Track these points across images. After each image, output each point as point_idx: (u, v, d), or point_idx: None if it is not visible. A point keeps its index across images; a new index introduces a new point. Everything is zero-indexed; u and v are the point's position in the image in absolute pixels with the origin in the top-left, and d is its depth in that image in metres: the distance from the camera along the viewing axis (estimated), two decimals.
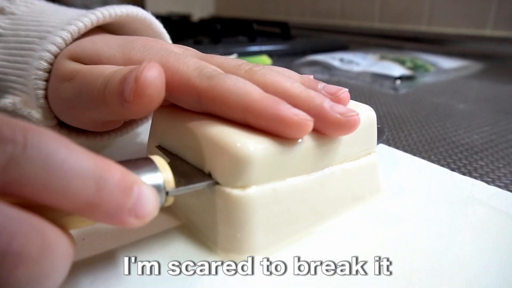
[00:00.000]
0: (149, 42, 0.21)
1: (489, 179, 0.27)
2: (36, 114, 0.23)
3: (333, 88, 0.20)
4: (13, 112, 0.25)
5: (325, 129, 0.18)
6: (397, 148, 0.32)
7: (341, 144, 0.20)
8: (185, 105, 0.19)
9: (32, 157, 0.11)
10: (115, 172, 0.13)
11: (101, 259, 0.17)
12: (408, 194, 0.23)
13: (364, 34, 0.99)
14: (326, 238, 0.19)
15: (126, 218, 0.13)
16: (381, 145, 0.31)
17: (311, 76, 0.21)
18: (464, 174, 0.27)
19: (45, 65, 0.23)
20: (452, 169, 0.27)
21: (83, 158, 0.12)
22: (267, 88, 0.18)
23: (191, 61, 0.18)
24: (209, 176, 0.18)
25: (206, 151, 0.18)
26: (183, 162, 0.19)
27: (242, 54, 0.69)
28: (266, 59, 0.64)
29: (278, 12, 1.29)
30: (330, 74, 0.62)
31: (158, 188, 0.15)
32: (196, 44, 0.75)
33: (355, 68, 0.61)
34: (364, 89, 0.54)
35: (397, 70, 0.57)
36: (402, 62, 0.61)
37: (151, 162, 0.16)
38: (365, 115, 0.21)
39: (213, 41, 0.75)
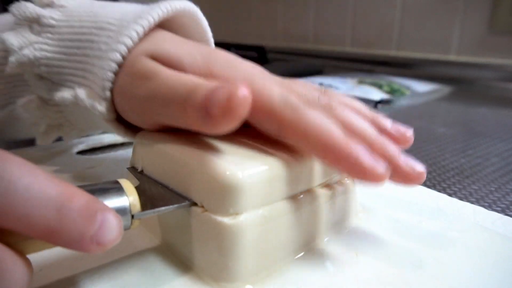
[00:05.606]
0: (232, 59, 0.22)
1: (486, 204, 0.27)
2: (99, 106, 0.23)
3: (401, 128, 0.22)
4: (68, 106, 0.25)
5: (394, 177, 0.19)
6: None
7: (321, 166, 0.20)
8: (263, 129, 0.19)
9: None
10: (78, 199, 0.13)
11: None
12: (415, 222, 0.23)
13: (337, 58, 1.02)
14: (315, 264, 0.19)
15: (88, 245, 0.13)
16: None
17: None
18: (461, 199, 0.27)
19: (119, 58, 0.22)
20: (449, 194, 0.28)
21: (46, 185, 0.13)
22: (345, 126, 0.19)
23: (275, 87, 0.19)
24: (184, 199, 0.18)
25: (191, 178, 0.18)
26: (157, 186, 0.19)
27: None
28: None
29: (251, 36, 1.31)
30: None
31: (124, 211, 0.16)
32: None
33: None
34: None
35: (376, 94, 0.59)
36: (379, 86, 0.63)
37: (118, 185, 0.17)
38: None
39: None
